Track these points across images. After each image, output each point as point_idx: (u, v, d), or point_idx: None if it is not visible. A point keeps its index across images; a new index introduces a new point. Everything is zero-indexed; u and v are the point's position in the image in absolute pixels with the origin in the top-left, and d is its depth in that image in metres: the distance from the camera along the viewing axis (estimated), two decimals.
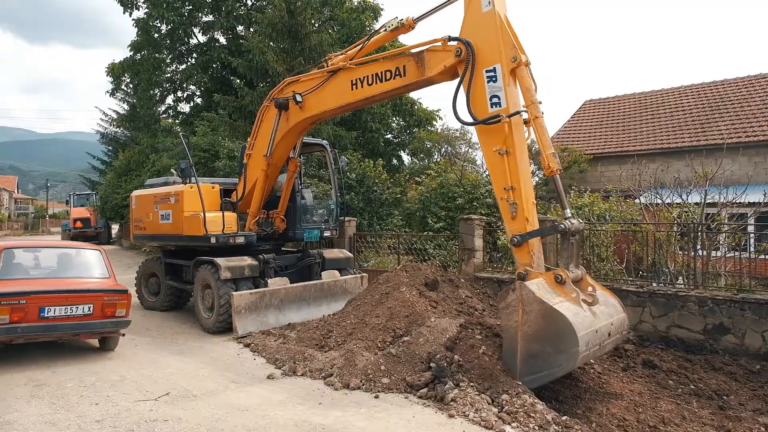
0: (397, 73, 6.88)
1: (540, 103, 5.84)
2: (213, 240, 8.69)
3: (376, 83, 7.13)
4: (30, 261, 7.68)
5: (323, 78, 7.87)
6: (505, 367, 5.56)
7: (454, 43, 6.23)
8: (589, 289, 5.78)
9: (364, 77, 7.28)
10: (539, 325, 5.18)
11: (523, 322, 5.27)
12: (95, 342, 7.72)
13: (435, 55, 6.49)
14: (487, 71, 5.94)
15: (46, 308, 6.55)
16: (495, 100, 5.87)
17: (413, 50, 6.81)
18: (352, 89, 7.43)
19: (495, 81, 5.89)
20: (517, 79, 5.92)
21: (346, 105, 7.82)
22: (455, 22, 6.51)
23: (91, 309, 6.81)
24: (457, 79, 6.23)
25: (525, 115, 5.91)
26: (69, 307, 6.68)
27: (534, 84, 5.90)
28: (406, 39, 7.26)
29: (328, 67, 8.07)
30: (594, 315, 5.41)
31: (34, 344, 7.27)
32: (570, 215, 5.85)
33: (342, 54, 8.19)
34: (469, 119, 6.09)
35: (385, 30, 7.47)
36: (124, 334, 7.56)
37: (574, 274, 5.74)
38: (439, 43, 6.45)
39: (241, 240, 8.99)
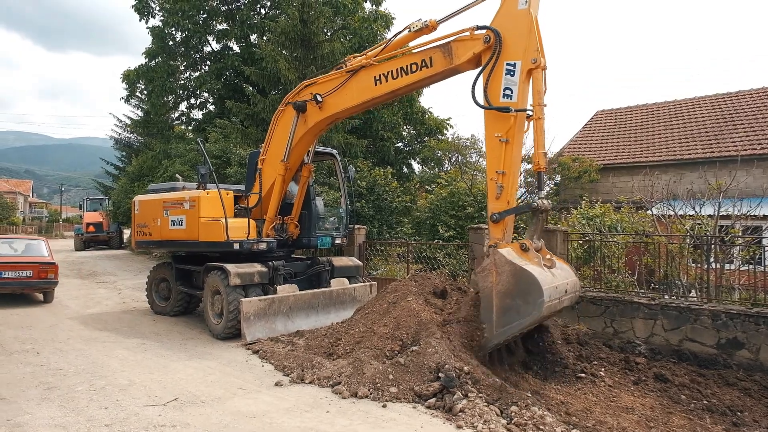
0: (424, 64, 7.22)
1: (545, 106, 6.30)
2: (236, 246, 8.68)
3: (402, 76, 7.44)
4: (3, 246, 12.00)
5: (344, 78, 8.08)
6: (484, 323, 6.24)
7: (482, 31, 6.64)
8: (548, 256, 6.59)
9: (388, 72, 7.57)
10: (510, 283, 5.97)
11: (497, 282, 6.05)
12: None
13: (463, 44, 6.89)
14: (507, 64, 6.41)
15: (3, 272, 10.95)
16: (507, 92, 6.38)
17: (438, 42, 7.13)
18: (376, 84, 7.71)
19: (512, 75, 6.37)
20: (531, 79, 6.34)
21: (370, 100, 8.06)
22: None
23: (32, 273, 11.13)
24: (480, 68, 6.65)
25: (530, 113, 6.39)
26: (17, 272, 11.06)
27: (545, 88, 6.34)
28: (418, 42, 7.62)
29: (347, 67, 8.21)
30: (553, 275, 6.29)
31: (48, 349, 7.84)
32: (543, 197, 6.51)
33: (362, 55, 8.30)
34: (483, 103, 6.56)
35: (409, 31, 7.71)
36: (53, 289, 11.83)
37: (536, 245, 6.48)
38: (467, 33, 6.82)
39: (263, 246, 9.02)
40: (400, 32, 7.93)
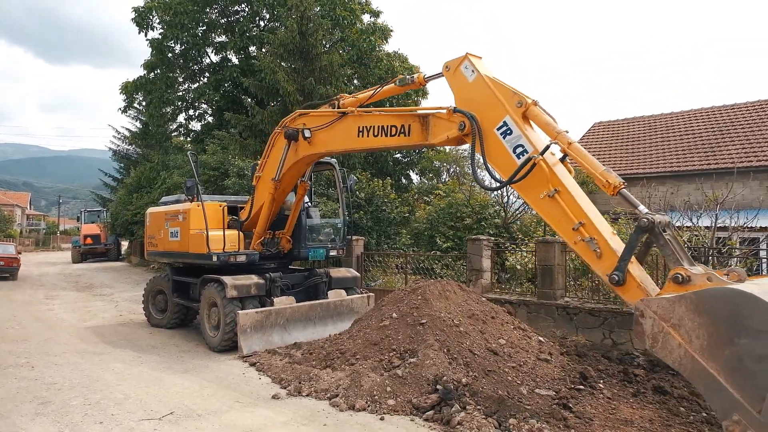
0: (402, 131, 6.79)
1: (567, 132, 5.39)
2: (214, 258, 8.73)
3: (381, 136, 7.08)
4: None
5: (333, 117, 7.87)
6: (733, 415, 3.56)
7: (459, 115, 6.04)
8: (726, 272, 4.23)
9: (370, 127, 7.23)
10: (705, 325, 3.74)
11: (686, 340, 3.85)
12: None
13: (440, 123, 6.35)
14: (498, 129, 5.65)
15: None
16: (519, 150, 5.49)
17: (420, 111, 6.78)
18: (358, 136, 7.41)
19: (511, 133, 5.57)
20: (531, 121, 5.62)
21: (351, 149, 8.21)
22: None
23: (3, 263, 19.49)
24: (465, 145, 6.36)
25: (558, 153, 5.44)
26: None
27: (551, 117, 5.56)
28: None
29: (338, 107, 8.19)
30: (756, 283, 3.95)
31: (42, 362, 7.81)
32: (646, 211, 4.83)
33: (353, 97, 8.26)
34: (498, 183, 5.86)
35: (396, 84, 7.52)
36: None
37: (695, 270, 4.31)
38: (444, 111, 6.26)
39: (242, 258, 9.00)
40: (387, 83, 7.79)
